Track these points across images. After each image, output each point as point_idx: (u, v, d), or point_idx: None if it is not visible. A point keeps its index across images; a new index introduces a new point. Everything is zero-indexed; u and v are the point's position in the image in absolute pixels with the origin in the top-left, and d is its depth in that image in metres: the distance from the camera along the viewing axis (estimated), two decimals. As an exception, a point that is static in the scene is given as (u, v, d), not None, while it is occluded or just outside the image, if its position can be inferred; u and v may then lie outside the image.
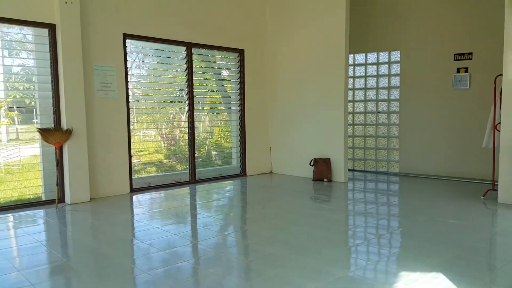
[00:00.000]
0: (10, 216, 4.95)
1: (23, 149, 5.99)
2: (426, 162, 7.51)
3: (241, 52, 7.45)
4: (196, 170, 7.02)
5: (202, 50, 7.08)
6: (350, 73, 8.17)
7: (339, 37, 6.72)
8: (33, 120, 5.84)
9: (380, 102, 8.05)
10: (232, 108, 7.67)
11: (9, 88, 5.60)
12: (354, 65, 8.26)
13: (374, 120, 8.13)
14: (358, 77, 8.27)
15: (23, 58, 5.86)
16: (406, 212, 5.02)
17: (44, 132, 5.31)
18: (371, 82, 8.12)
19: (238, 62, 7.51)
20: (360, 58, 8.22)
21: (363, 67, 8.20)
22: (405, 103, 7.70)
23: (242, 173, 7.66)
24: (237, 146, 7.69)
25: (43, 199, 5.56)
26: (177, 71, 6.98)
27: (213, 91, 7.68)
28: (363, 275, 3.13)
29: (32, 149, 5.94)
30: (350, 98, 8.16)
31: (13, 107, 5.66)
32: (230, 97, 7.71)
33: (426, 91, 7.45)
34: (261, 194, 6.30)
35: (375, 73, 8.06)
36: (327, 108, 6.98)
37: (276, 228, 4.44)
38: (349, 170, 7.97)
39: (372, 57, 8.09)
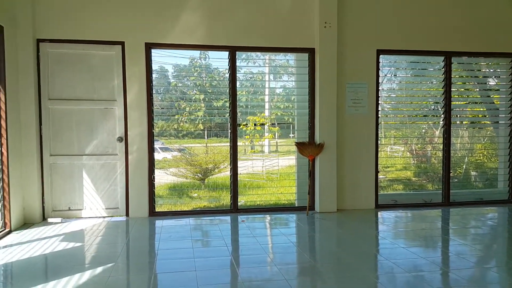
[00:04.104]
0: (268, 217, 5.62)
1: (281, 160, 6.77)
2: None
3: (515, 56, 6.30)
4: (450, 191, 6.27)
5: (464, 59, 6.36)
6: None
7: None
8: (290, 135, 6.52)
9: None
10: (500, 122, 6.55)
11: (273, 107, 6.43)
12: None
13: None
14: None
15: (285, 80, 6.67)
16: None
17: (300, 146, 5.83)
18: None
19: (511, 68, 6.38)
20: None
21: None
22: None
23: (511, 199, 6.39)
24: (505, 167, 6.48)
25: (296, 205, 6.08)
26: (432, 82, 6.50)
27: (476, 103, 6.76)
28: None
29: (288, 160, 6.64)
30: None
31: (275, 123, 6.46)
32: (497, 109, 6.61)
33: None
34: (538, 227, 5.09)
35: None
36: None
37: (561, 271, 3.45)
38: None
39: None
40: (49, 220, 5.30)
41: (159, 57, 5.66)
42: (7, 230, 4.67)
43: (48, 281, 3.25)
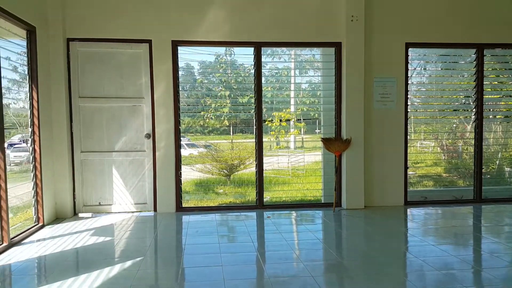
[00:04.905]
0: (294, 213, 5.59)
1: (307, 156, 6.72)
2: None
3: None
4: (483, 187, 6.08)
5: (497, 51, 6.13)
6: None
7: None
8: (316, 131, 6.45)
9: None
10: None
11: (298, 102, 6.39)
12: None
13: None
14: None
15: (311, 75, 6.60)
16: None
17: (326, 142, 5.77)
18: None
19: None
20: None
21: None
22: None
23: (547, 197, 6.15)
24: (540, 164, 6.25)
25: (322, 201, 6.02)
26: (463, 76, 6.29)
27: (510, 96, 6.50)
28: None
29: (314, 156, 6.59)
30: None
31: (301, 119, 6.41)
32: (534, 102, 6.35)
33: None
34: None
35: None
36: None
37: None
38: None
39: None
40: (80, 215, 5.45)
41: (185, 54, 5.70)
42: (40, 224, 4.83)
43: (79, 274, 3.35)
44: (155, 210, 5.59)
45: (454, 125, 6.49)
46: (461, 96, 6.32)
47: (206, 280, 3.21)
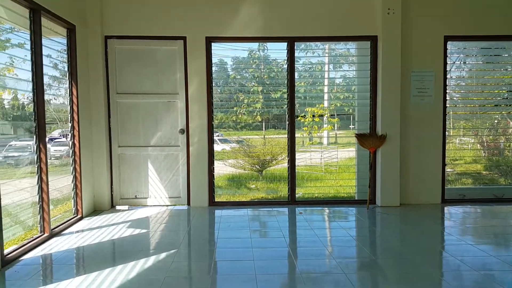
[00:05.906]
0: (326, 210, 5.53)
1: (340, 152, 6.63)
2: None
3: None
4: (527, 187, 5.82)
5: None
6: None
7: None
8: (350, 126, 6.35)
9: None
10: None
11: (332, 97, 6.30)
12: None
13: None
14: None
15: (345, 70, 6.50)
16: None
17: (360, 137, 5.67)
18: None
19: None
20: None
21: None
22: None
23: None
24: None
25: (356, 198, 5.94)
26: (506, 69, 6.01)
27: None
28: None
29: (348, 152, 6.50)
30: None
31: (334, 115, 6.33)
32: None
33: None
34: None
35: None
36: None
37: None
38: None
39: None
40: (117, 207, 5.62)
41: (218, 50, 5.75)
42: (79, 216, 5.02)
43: (115, 265, 3.45)
44: (188, 204, 5.69)
45: (496, 121, 6.22)
46: (503, 91, 6.04)
47: (238, 274, 3.24)
